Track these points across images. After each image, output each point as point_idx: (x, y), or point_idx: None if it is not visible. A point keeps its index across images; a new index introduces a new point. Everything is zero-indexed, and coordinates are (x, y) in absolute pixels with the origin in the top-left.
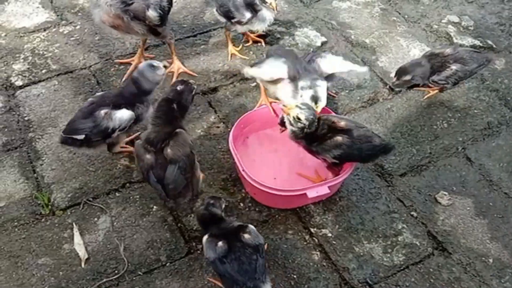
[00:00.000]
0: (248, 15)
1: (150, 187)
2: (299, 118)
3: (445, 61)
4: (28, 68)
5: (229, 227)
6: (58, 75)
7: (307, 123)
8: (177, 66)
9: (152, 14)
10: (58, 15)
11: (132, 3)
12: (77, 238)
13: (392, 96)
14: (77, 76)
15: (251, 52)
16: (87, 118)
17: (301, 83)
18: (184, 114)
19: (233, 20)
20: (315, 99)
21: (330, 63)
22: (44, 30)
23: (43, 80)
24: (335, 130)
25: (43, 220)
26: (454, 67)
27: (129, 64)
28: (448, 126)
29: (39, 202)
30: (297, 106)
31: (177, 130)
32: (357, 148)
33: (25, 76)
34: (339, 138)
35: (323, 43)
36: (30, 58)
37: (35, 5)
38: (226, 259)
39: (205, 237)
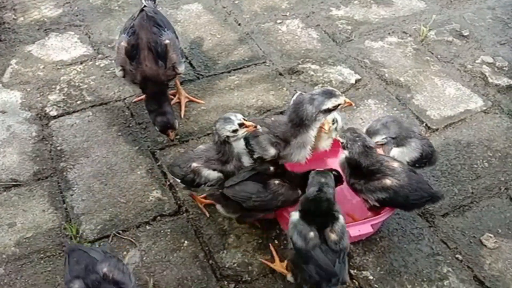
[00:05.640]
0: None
1: (182, 221)
2: (336, 121)
3: None
4: (63, 99)
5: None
6: (92, 106)
7: (340, 124)
8: (183, 96)
9: (182, 69)
10: (95, 49)
11: None
12: None
13: (429, 134)
14: (111, 107)
15: (284, 88)
16: (184, 165)
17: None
18: None
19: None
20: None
21: None
22: (81, 63)
23: (78, 111)
24: (385, 171)
25: None
26: None
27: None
28: (489, 166)
29: (67, 233)
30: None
31: None
32: (403, 195)
33: (59, 107)
34: (387, 181)
35: (357, 81)
36: (66, 89)
37: (73, 39)
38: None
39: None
